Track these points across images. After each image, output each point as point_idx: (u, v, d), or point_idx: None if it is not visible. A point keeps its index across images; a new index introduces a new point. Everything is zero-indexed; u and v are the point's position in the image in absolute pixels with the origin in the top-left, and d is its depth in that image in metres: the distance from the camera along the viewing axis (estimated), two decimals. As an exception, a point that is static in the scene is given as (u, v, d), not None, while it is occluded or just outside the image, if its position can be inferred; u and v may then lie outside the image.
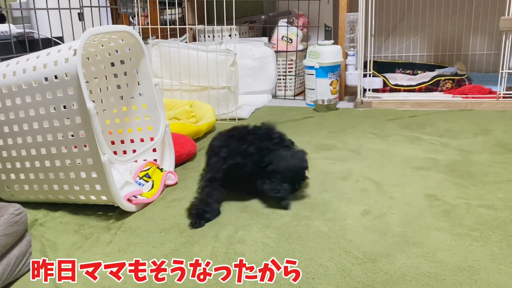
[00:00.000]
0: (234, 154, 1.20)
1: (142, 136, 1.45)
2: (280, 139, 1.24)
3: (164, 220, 1.16)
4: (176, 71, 2.23)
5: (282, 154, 1.20)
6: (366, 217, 1.12)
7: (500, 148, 1.59)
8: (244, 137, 1.23)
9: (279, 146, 1.23)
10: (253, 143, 1.21)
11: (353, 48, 2.45)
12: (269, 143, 1.22)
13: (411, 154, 1.57)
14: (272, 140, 1.22)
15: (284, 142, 1.25)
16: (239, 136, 1.24)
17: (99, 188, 1.17)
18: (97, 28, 1.19)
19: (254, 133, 1.25)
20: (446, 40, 2.79)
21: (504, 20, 2.04)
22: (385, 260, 0.93)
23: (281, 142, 1.24)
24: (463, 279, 0.86)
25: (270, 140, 1.22)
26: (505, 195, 1.21)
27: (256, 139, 1.22)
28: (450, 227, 1.06)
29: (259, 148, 1.20)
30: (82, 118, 1.11)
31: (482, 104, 2.17)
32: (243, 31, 2.90)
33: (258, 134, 1.24)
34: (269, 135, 1.24)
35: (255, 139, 1.22)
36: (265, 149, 1.21)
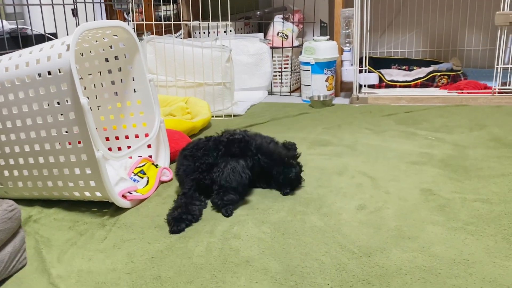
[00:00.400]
0: (190, 171, 1.25)
1: (137, 132, 1.45)
2: (225, 148, 1.24)
3: (159, 216, 1.16)
4: (171, 67, 2.22)
5: (221, 167, 1.20)
6: (361, 212, 1.12)
7: (495, 142, 1.59)
8: (195, 154, 1.27)
9: (223, 157, 1.23)
10: (201, 158, 1.25)
11: (348, 44, 2.45)
12: (213, 157, 1.24)
13: (406, 149, 1.57)
14: (218, 151, 1.24)
15: (231, 150, 1.24)
16: (190, 153, 1.28)
17: (94, 185, 1.17)
18: (90, 23, 1.18)
19: (203, 147, 1.27)
20: (442, 35, 2.79)
21: (499, 15, 2.04)
22: (381, 254, 0.93)
23: (227, 151, 1.24)
24: (458, 272, 0.86)
25: (216, 151, 1.25)
26: (500, 189, 1.21)
27: (204, 154, 1.25)
28: (445, 221, 1.06)
29: (204, 163, 1.24)
30: (76, 114, 1.10)
31: (478, 99, 2.17)
32: (238, 27, 2.89)
33: (207, 147, 1.26)
34: (216, 146, 1.25)
35: (203, 154, 1.25)
36: (208, 163, 1.24)
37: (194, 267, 0.92)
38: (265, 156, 1.25)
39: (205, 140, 1.30)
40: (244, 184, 1.18)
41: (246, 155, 1.23)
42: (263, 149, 1.25)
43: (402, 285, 0.83)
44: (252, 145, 1.25)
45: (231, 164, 1.18)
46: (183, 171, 1.26)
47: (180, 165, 1.28)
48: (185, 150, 1.31)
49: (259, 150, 1.25)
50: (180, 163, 1.29)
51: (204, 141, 1.29)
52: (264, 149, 1.26)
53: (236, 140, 1.25)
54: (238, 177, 1.17)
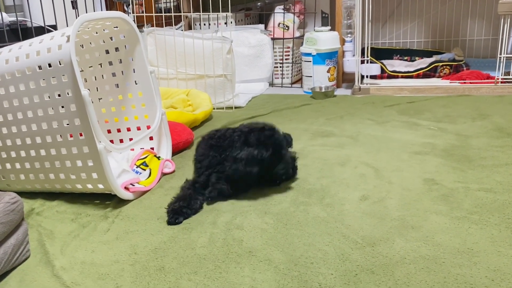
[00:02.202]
0: (214, 163, 1.22)
1: (138, 124, 1.44)
2: (242, 143, 1.20)
3: (162, 208, 1.15)
4: (172, 59, 2.21)
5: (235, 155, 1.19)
6: (364, 202, 1.12)
7: (498, 132, 1.58)
8: (221, 144, 1.24)
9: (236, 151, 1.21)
10: (226, 150, 1.22)
11: (350, 34, 2.43)
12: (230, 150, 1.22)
13: (409, 139, 1.56)
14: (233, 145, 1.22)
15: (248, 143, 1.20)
16: (217, 144, 1.25)
17: (96, 177, 1.16)
18: (90, 14, 1.17)
19: (229, 137, 1.24)
20: (444, 25, 2.77)
21: (502, 4, 2.02)
22: (384, 244, 0.93)
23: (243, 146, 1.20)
24: (462, 261, 0.86)
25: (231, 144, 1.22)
26: (504, 178, 1.21)
27: (229, 146, 1.22)
28: (448, 211, 1.05)
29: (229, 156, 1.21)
30: (77, 105, 1.10)
31: (480, 89, 2.16)
32: (239, 19, 2.87)
33: (232, 138, 1.23)
34: (242, 138, 1.22)
35: (229, 146, 1.22)
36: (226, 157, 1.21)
37: (198, 258, 0.92)
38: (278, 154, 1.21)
39: (232, 131, 1.26)
40: (253, 176, 1.17)
41: (266, 149, 1.18)
42: (281, 147, 1.22)
43: (406, 275, 0.83)
44: (276, 140, 1.20)
45: (247, 154, 1.16)
46: (208, 162, 1.22)
47: (203, 155, 1.24)
48: (211, 139, 1.27)
49: (278, 147, 1.21)
50: (204, 152, 1.25)
51: (230, 132, 1.25)
52: (282, 147, 1.22)
53: (262, 132, 1.21)
54: (249, 169, 1.15)
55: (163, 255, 0.94)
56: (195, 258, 0.92)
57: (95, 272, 0.90)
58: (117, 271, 0.90)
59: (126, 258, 0.94)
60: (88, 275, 0.89)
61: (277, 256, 0.91)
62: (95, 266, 0.92)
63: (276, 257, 0.91)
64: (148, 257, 0.94)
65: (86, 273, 0.90)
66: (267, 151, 1.17)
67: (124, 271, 0.90)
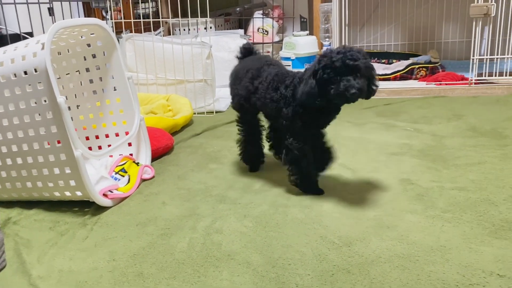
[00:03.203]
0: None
1: (117, 130, 1.44)
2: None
3: (141, 214, 1.15)
4: (151, 65, 2.21)
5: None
6: (342, 203, 1.14)
7: (472, 132, 1.62)
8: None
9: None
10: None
11: (328, 38, 2.46)
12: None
13: (386, 140, 1.59)
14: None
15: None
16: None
17: (74, 184, 1.16)
18: (66, 21, 1.17)
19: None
20: (420, 28, 2.83)
21: (474, 7, 2.07)
22: (360, 243, 0.95)
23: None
24: (435, 258, 0.88)
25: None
26: (476, 177, 1.24)
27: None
28: (423, 210, 1.08)
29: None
30: (53, 113, 1.09)
31: (455, 90, 2.21)
32: (218, 24, 2.88)
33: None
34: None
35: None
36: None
37: (176, 263, 0.93)
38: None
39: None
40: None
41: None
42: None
43: (381, 273, 0.85)
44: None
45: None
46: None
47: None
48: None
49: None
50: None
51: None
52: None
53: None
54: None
55: (141, 261, 0.94)
56: (174, 263, 0.93)
57: (73, 280, 0.90)
58: (95, 278, 0.90)
59: (104, 265, 0.94)
60: (65, 283, 0.89)
61: (255, 259, 0.92)
62: (73, 274, 0.91)
63: (254, 259, 0.92)
64: (126, 263, 0.94)
65: (64, 281, 0.89)
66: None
67: (102, 278, 0.89)
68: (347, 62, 1.02)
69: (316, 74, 1.07)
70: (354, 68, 1.02)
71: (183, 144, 1.70)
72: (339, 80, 1.03)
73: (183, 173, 1.41)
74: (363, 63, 1.03)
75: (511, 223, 0.99)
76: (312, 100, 1.09)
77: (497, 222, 1.00)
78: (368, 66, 1.06)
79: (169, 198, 1.23)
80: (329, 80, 1.04)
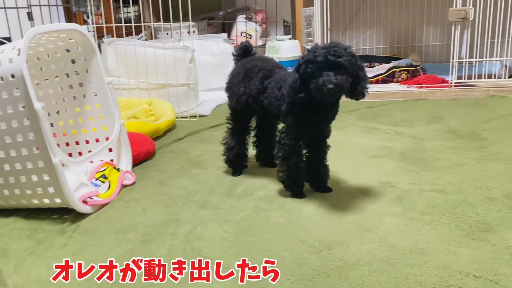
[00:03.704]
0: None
1: (97, 136, 1.43)
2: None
3: (121, 221, 1.14)
4: (133, 69, 2.19)
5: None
6: (322, 206, 1.14)
7: (451, 134, 1.65)
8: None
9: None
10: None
11: (310, 42, 2.48)
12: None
13: (367, 143, 1.60)
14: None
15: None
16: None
17: (52, 191, 1.14)
18: (43, 26, 1.15)
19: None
20: (401, 32, 2.87)
21: (452, 11, 2.11)
22: (340, 247, 0.95)
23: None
24: (414, 261, 0.89)
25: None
26: (455, 178, 1.26)
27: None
28: (402, 212, 1.09)
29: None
30: (31, 119, 1.08)
31: (435, 93, 2.24)
32: (201, 28, 2.88)
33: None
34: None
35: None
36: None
37: (156, 270, 0.92)
38: None
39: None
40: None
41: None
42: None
43: (360, 277, 0.85)
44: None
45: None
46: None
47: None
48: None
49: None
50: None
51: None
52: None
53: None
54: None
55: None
56: (153, 269, 0.92)
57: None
58: (73, 287, 0.88)
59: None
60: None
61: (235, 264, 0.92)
62: (50, 284, 0.90)
63: (235, 265, 0.92)
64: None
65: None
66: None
67: (80, 287, 0.88)
68: (329, 57, 1.02)
69: (299, 69, 1.08)
70: (336, 64, 1.03)
71: (165, 149, 1.69)
72: (320, 75, 1.04)
73: (164, 178, 1.40)
74: (346, 60, 1.03)
75: (487, 224, 1.01)
76: (294, 95, 1.10)
77: (474, 224, 1.01)
78: (354, 64, 1.05)
79: (150, 204, 1.22)
80: (311, 75, 1.05)
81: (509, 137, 1.57)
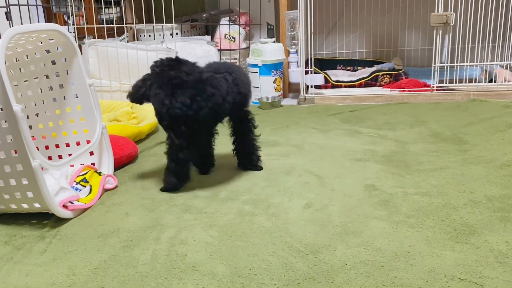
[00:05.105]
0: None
1: (78, 139, 1.39)
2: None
3: (103, 225, 1.12)
4: (115, 71, 2.16)
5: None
6: (308, 210, 1.14)
7: (433, 137, 1.66)
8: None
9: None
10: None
11: (294, 45, 2.48)
12: None
13: (351, 146, 1.61)
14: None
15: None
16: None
17: (31, 196, 1.11)
18: (22, 26, 1.12)
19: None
20: (384, 36, 2.90)
21: (434, 16, 2.14)
22: (326, 251, 0.95)
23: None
24: (399, 264, 0.89)
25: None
26: (438, 181, 1.27)
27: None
28: (387, 215, 1.09)
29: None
30: (9, 122, 1.05)
31: (418, 97, 2.27)
32: (185, 30, 2.86)
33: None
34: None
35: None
36: None
37: (139, 276, 0.90)
38: None
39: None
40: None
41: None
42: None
43: (346, 280, 0.85)
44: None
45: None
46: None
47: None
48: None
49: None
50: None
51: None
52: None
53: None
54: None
55: (103, 274, 0.91)
56: (136, 276, 0.90)
57: (29, 297, 0.86)
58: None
59: (63, 280, 0.90)
60: (21, 300, 0.85)
61: (221, 269, 0.90)
62: (29, 291, 0.87)
63: (220, 270, 0.90)
64: (87, 277, 0.90)
65: (19, 298, 0.85)
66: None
67: (60, 294, 0.86)
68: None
69: None
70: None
71: (148, 152, 1.67)
72: None
73: (147, 182, 1.38)
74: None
75: (471, 227, 1.01)
76: None
77: (458, 227, 1.02)
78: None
79: (133, 209, 1.20)
80: None
81: (489, 140, 1.59)
